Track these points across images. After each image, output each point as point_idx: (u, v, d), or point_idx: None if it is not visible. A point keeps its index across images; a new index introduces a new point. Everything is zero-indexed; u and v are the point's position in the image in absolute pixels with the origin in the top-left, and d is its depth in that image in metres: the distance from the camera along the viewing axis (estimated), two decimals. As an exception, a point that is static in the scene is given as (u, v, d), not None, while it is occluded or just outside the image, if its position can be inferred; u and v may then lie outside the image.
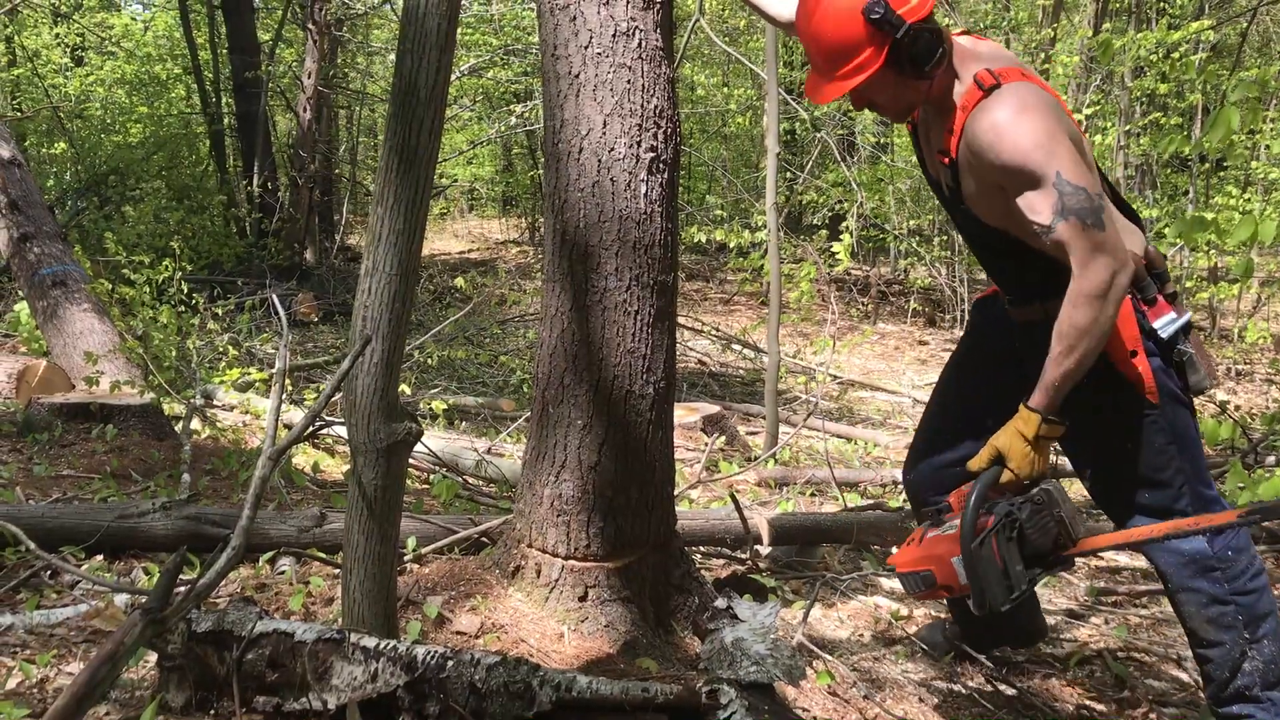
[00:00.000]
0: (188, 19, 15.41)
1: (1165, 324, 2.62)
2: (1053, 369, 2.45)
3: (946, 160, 2.61)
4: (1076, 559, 2.88)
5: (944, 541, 2.54)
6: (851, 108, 13.17)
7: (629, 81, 2.97)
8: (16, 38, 17.57)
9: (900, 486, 5.54)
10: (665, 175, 3.05)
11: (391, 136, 2.44)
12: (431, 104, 2.44)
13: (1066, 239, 2.38)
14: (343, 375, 2.16)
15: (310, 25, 13.37)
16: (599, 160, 2.98)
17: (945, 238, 12.94)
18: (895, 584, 4.03)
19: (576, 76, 2.98)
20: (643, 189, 3.00)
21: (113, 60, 17.96)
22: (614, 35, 2.96)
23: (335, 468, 5.46)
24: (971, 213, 2.66)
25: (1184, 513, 2.63)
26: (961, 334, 3.22)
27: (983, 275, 13.90)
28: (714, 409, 6.82)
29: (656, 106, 3.02)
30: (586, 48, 2.97)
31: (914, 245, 12.83)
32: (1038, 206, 2.41)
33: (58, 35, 18.27)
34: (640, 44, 2.98)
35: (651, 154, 3.01)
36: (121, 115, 16.84)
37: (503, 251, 19.37)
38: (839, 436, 7.45)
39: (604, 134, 2.98)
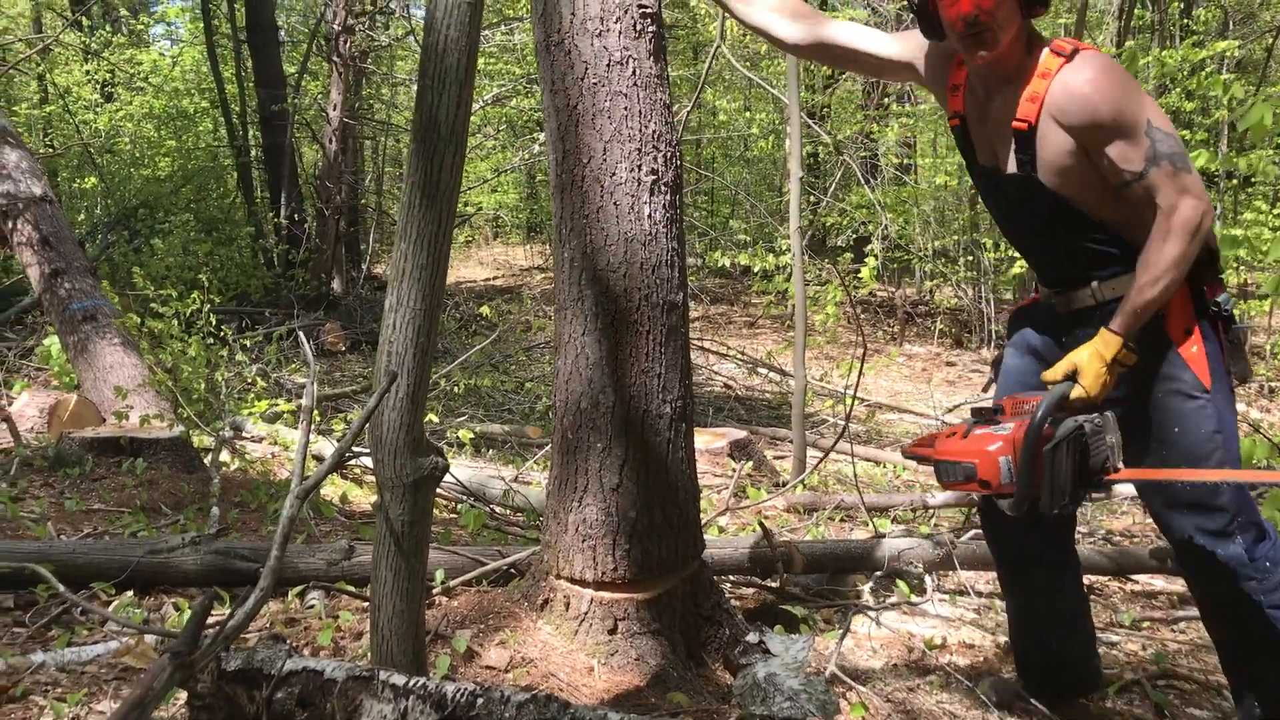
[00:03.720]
0: (215, 54, 15.60)
1: (1226, 301, 2.71)
2: (1137, 296, 2.54)
3: (1025, 127, 2.65)
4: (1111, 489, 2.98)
5: (995, 439, 2.56)
6: (875, 129, 13.12)
7: (626, 108, 3.04)
8: (48, 75, 17.84)
9: (930, 511, 5.50)
10: (668, 196, 3.10)
11: (414, 172, 2.45)
12: (453, 139, 2.44)
13: (1159, 182, 2.51)
14: (369, 412, 2.16)
15: (335, 58, 13.50)
16: (601, 186, 3.03)
17: (970, 258, 12.88)
18: (930, 610, 3.98)
19: (574, 108, 3.04)
20: (646, 210, 3.06)
21: (141, 95, 18.19)
22: (608, 65, 3.03)
23: (363, 498, 5.47)
24: (1039, 185, 2.68)
25: (1224, 508, 2.65)
26: (1000, 352, 3.20)
27: (1009, 295, 13.82)
28: (740, 434, 6.79)
29: (655, 131, 3.07)
30: (582, 79, 3.04)
31: (939, 266, 12.76)
32: (1129, 155, 2.53)
33: (88, 72, 18.53)
34: (634, 72, 3.05)
35: (653, 176, 3.06)
36: (150, 149, 17.04)
37: (527, 278, 19.43)
38: (867, 460, 7.40)
39: (604, 160, 3.03)
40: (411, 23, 14.60)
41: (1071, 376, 2.59)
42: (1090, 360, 2.57)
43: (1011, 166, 2.73)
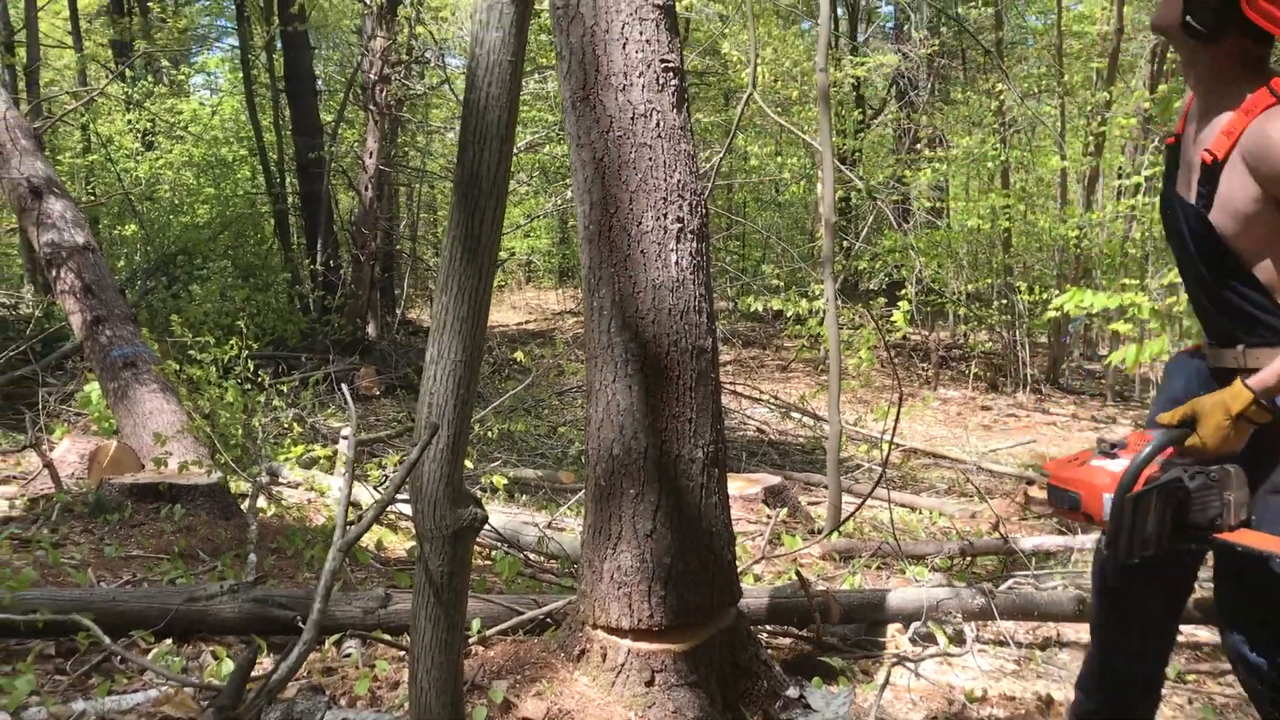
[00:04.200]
0: (253, 103, 15.88)
1: None
2: None
3: (1210, 160, 2.50)
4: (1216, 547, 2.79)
5: (1105, 474, 2.49)
6: (907, 173, 13.13)
7: (650, 159, 3.12)
8: (92, 125, 18.19)
9: (969, 560, 5.45)
10: (694, 244, 3.17)
11: (455, 226, 2.48)
12: (493, 193, 2.47)
13: None
14: (411, 465, 2.17)
15: (371, 106, 13.70)
16: (628, 234, 3.10)
17: (1004, 302, 12.82)
18: (969, 663, 3.94)
19: (601, 160, 3.12)
20: (673, 258, 3.11)
21: (181, 144, 18.52)
22: (632, 118, 3.11)
23: (398, 544, 5.48)
24: (1209, 224, 2.54)
25: None
26: (1154, 399, 3.09)
27: (1044, 338, 13.73)
28: (775, 480, 6.76)
29: (679, 180, 3.15)
30: (608, 132, 3.11)
31: (973, 310, 12.71)
32: None
33: (130, 122, 18.90)
34: (658, 124, 3.13)
35: (679, 225, 3.13)
36: (189, 196, 17.33)
37: (559, 322, 19.50)
38: (903, 506, 7.34)
39: (631, 209, 3.10)
40: (446, 72, 14.81)
41: (1190, 424, 2.45)
42: (1213, 409, 2.41)
43: (1191, 198, 2.59)
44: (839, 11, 16.92)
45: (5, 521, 5.11)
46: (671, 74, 3.19)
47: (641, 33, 3.15)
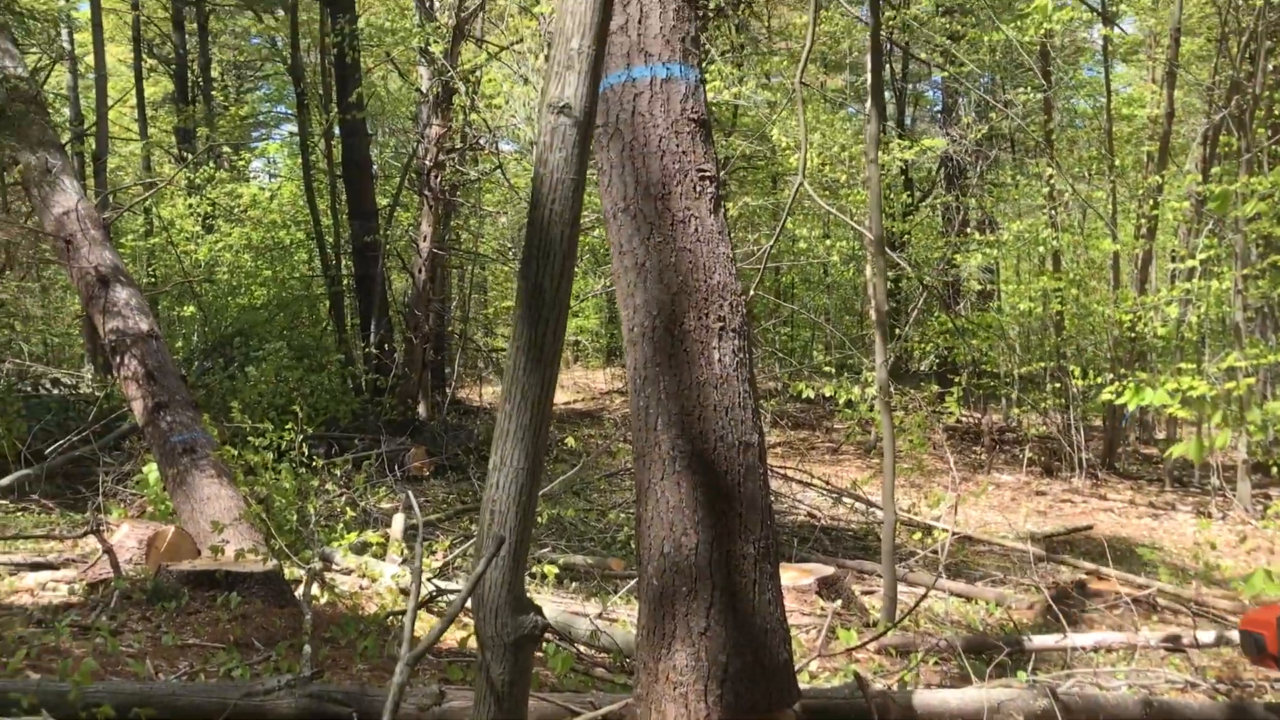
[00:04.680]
0: (311, 187, 16.26)
1: None
2: None
3: None
4: None
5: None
6: (957, 257, 13.11)
7: (690, 263, 3.24)
8: (154, 209, 18.70)
9: (1028, 656, 5.34)
10: (735, 341, 3.26)
11: (518, 336, 2.53)
12: (556, 305, 2.53)
13: None
14: (477, 577, 2.19)
15: (426, 191, 13.98)
16: (671, 335, 3.20)
17: (1058, 385, 12.69)
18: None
19: (643, 265, 3.24)
20: (715, 355, 3.20)
21: (240, 227, 18.96)
22: (671, 224, 3.25)
23: (449, 634, 5.47)
24: None
25: None
26: None
27: (1098, 421, 13.55)
28: (828, 570, 6.70)
29: (719, 281, 3.26)
30: (648, 239, 3.25)
31: (1026, 394, 12.59)
32: None
33: (190, 206, 19.40)
34: (696, 229, 3.27)
35: (720, 323, 3.23)
36: (247, 279, 17.67)
37: (608, 401, 19.56)
38: (959, 596, 7.23)
39: (673, 310, 3.21)
40: (499, 157, 15.10)
41: None
42: None
43: None
44: (886, 95, 17.08)
45: (65, 608, 5.18)
46: (708, 181, 3.33)
47: (678, 145, 3.31)
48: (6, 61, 7.45)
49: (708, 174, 3.35)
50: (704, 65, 12.88)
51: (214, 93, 22.90)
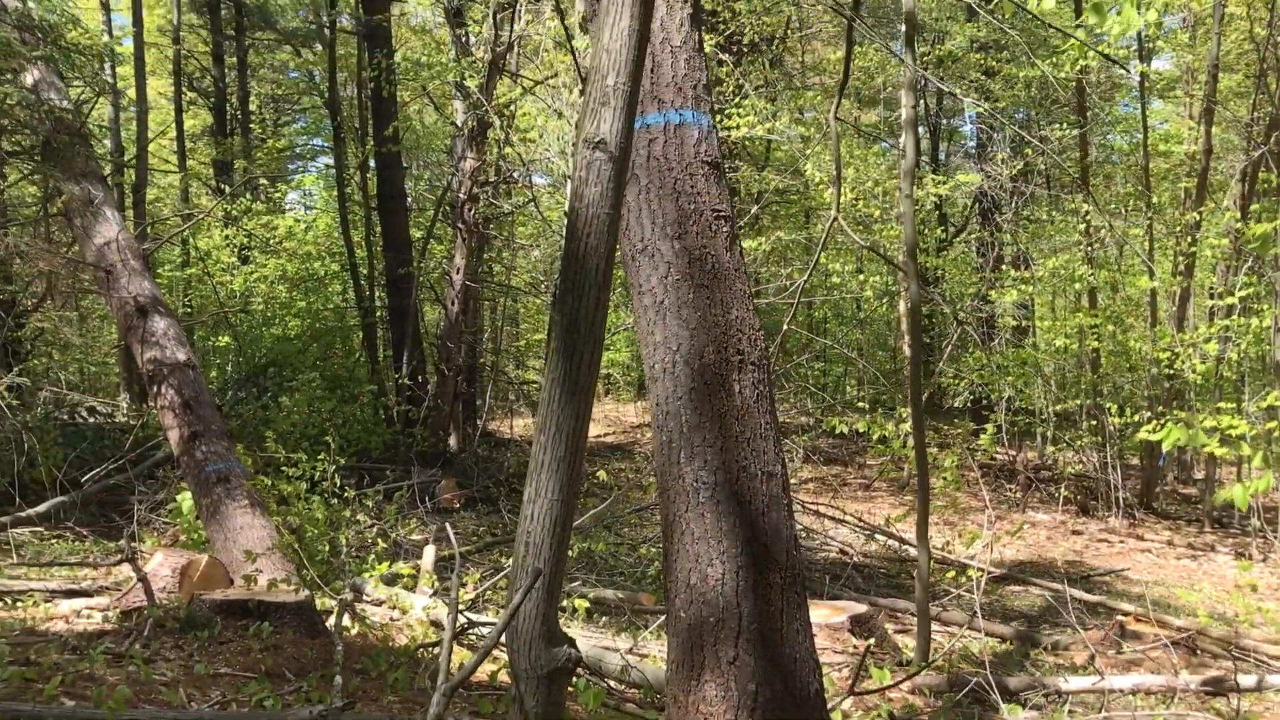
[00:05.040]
0: (346, 219, 16.43)
1: None
2: None
3: None
4: None
5: None
6: (992, 293, 13.05)
7: (708, 298, 3.32)
8: (191, 240, 18.92)
9: (1064, 698, 5.25)
10: (755, 374, 3.33)
11: (554, 369, 2.53)
12: (591, 338, 2.53)
13: None
14: (513, 610, 2.18)
15: (460, 224, 14.08)
16: (691, 369, 3.26)
17: (1094, 423, 12.56)
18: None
19: (662, 303, 3.31)
20: (735, 388, 3.27)
21: (276, 258, 19.14)
22: (689, 262, 3.34)
23: (479, 668, 5.44)
24: None
25: None
26: None
27: (1135, 460, 13.38)
28: (861, 608, 6.62)
29: (737, 316, 3.35)
30: (666, 277, 3.33)
31: (1062, 432, 12.46)
32: None
33: (227, 237, 19.63)
34: (713, 266, 3.36)
35: (739, 357, 3.30)
36: (281, 309, 17.82)
37: (639, 435, 19.52)
38: (993, 635, 7.13)
39: (692, 345, 3.28)
40: (533, 191, 15.20)
41: None
42: None
43: None
44: (920, 130, 17.08)
45: (100, 635, 5.20)
46: (723, 221, 3.43)
47: (693, 186, 3.42)
48: (52, 95, 7.59)
49: (722, 213, 3.44)
50: (738, 101, 12.96)
51: (252, 125, 23.22)
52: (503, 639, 2.45)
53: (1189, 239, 12.06)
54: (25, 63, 7.35)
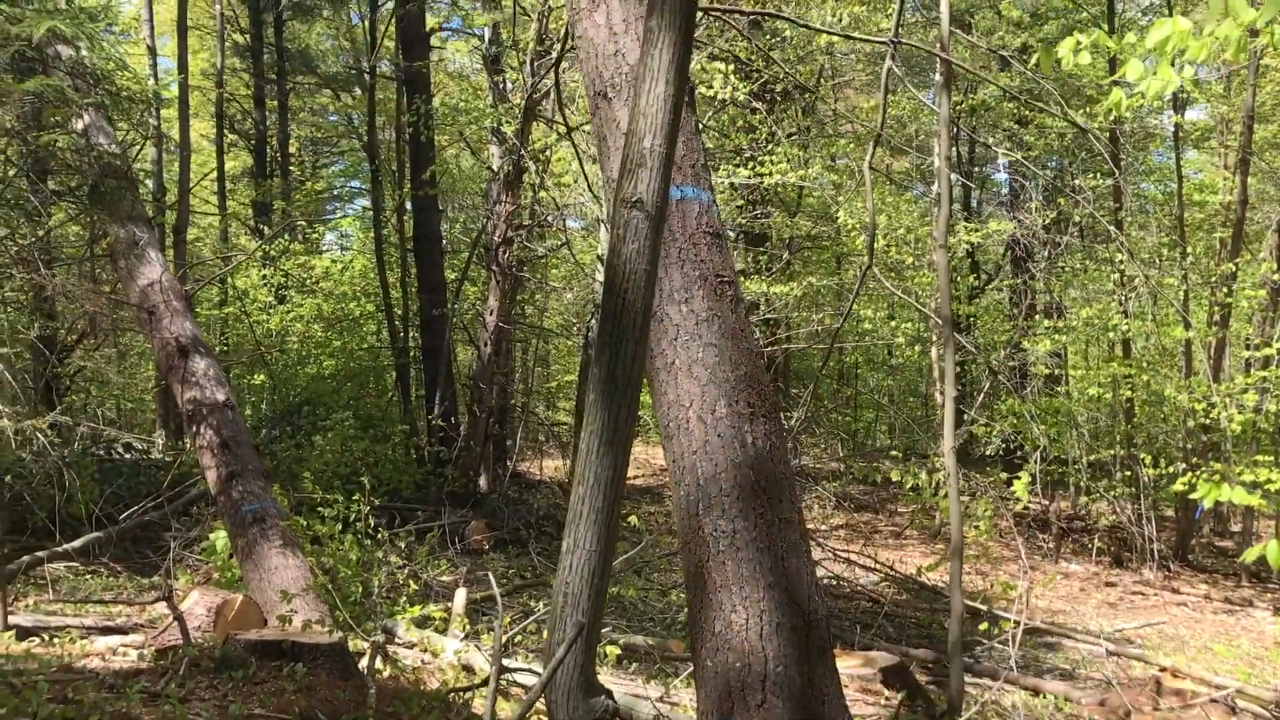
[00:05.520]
0: (383, 261, 16.61)
1: None
2: None
3: None
4: None
5: None
6: (1025, 342, 13.01)
7: (717, 356, 3.48)
8: (229, 279, 19.18)
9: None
10: (767, 425, 3.46)
11: (591, 421, 2.57)
12: (629, 391, 2.58)
13: None
14: (556, 665, 2.21)
15: (494, 266, 14.21)
16: (704, 423, 3.38)
17: (1128, 473, 12.45)
18: None
19: (672, 364, 3.46)
20: (749, 438, 3.39)
21: (312, 298, 19.36)
22: (696, 323, 3.51)
23: (510, 711, 5.45)
24: None
25: None
26: None
27: (1170, 512, 13.23)
28: (893, 658, 6.58)
29: (746, 372, 3.49)
30: (675, 340, 3.49)
31: (1095, 482, 12.34)
32: None
33: (264, 277, 19.88)
34: (720, 326, 3.53)
35: (749, 409, 3.43)
36: (317, 349, 18.00)
37: (666, 478, 19.49)
38: (1027, 689, 7.05)
39: (704, 399, 3.42)
40: (566, 234, 15.33)
41: None
42: None
43: None
44: (953, 178, 17.12)
45: (135, 674, 5.25)
46: (727, 285, 3.62)
47: (696, 254, 3.60)
48: (101, 139, 7.77)
49: (726, 279, 3.62)
50: (771, 148, 13.06)
51: (291, 167, 23.57)
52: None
53: (1225, 289, 11.99)
54: (77, 109, 7.55)
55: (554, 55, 13.51)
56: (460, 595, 7.52)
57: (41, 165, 8.52)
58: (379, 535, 7.81)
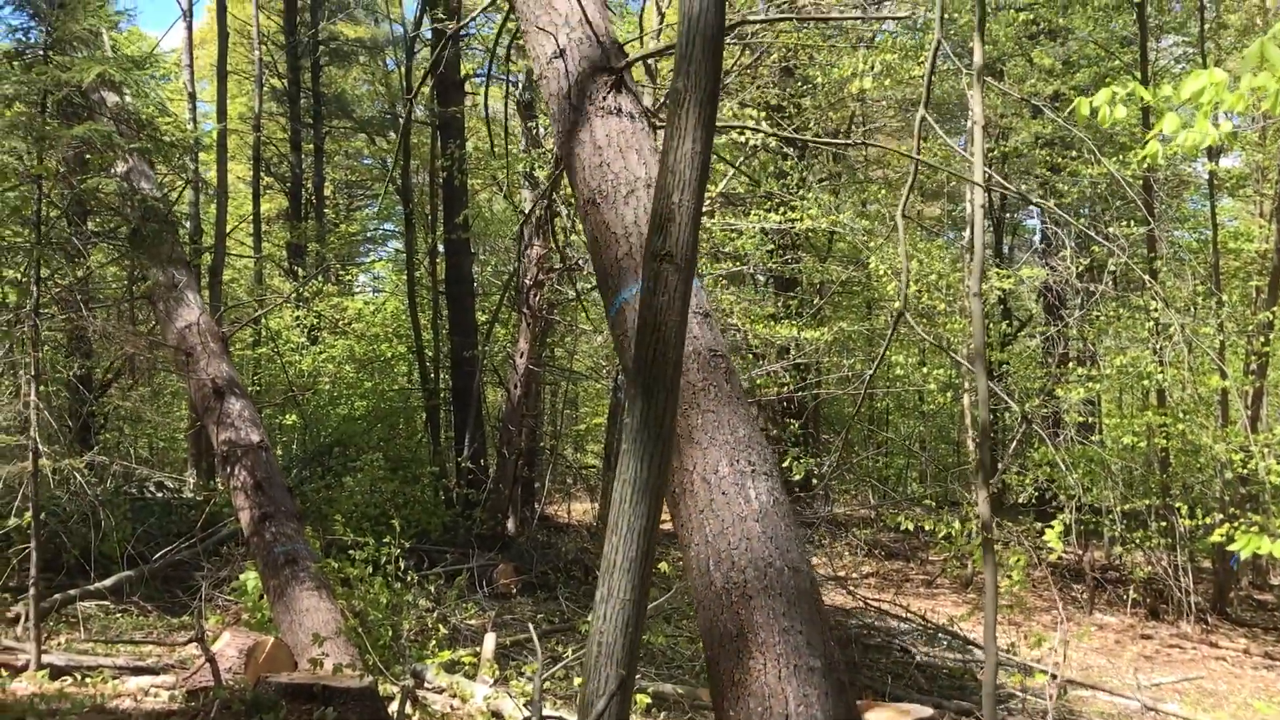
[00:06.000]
0: (415, 303, 16.74)
1: None
2: None
3: None
4: None
5: None
6: (1059, 390, 12.92)
7: (715, 421, 3.69)
8: (263, 320, 19.36)
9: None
10: (769, 482, 3.63)
11: (624, 469, 2.58)
12: (662, 440, 2.59)
13: None
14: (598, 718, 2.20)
15: (525, 309, 14.28)
16: (708, 482, 3.57)
17: (1164, 523, 12.28)
18: None
19: (674, 432, 3.62)
20: (752, 493, 3.56)
21: (344, 339, 19.51)
22: (694, 393, 3.72)
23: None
24: None
25: None
26: None
27: (1207, 563, 13.02)
28: (925, 711, 6.47)
29: (745, 434, 3.70)
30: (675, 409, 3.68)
31: (1130, 532, 12.19)
32: None
33: (298, 318, 20.06)
34: (716, 394, 3.75)
35: (750, 467, 3.61)
36: (348, 390, 18.11)
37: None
38: (1061, 744, 6.94)
39: (706, 460, 3.62)
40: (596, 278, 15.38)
41: None
42: None
43: None
44: (985, 223, 17.10)
45: (167, 715, 5.27)
46: (720, 359, 3.87)
47: (689, 331, 3.75)
48: (143, 184, 7.91)
49: (719, 352, 3.89)
50: (802, 194, 13.11)
51: (326, 210, 23.85)
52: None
53: (1261, 338, 11.87)
54: (122, 153, 7.69)
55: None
56: (490, 640, 7.49)
57: (81, 206, 8.68)
58: (408, 578, 7.81)
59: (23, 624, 7.48)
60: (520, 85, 15.65)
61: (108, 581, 9.65)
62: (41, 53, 7.01)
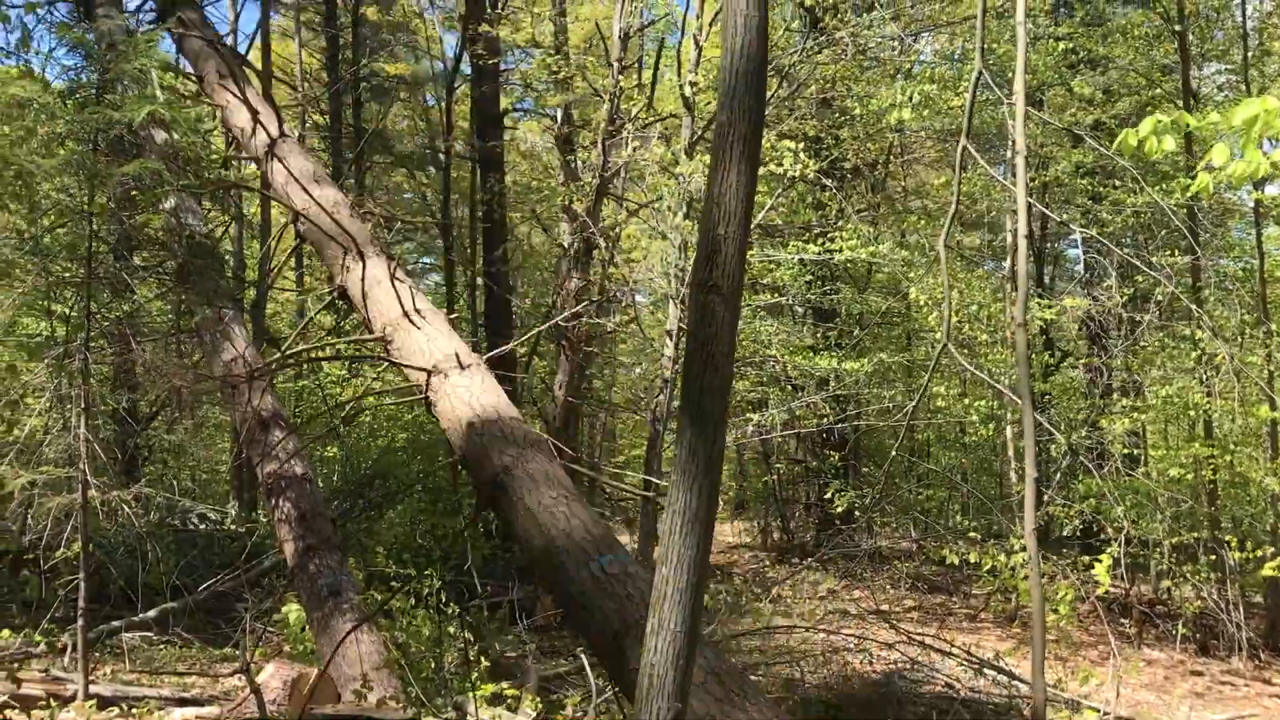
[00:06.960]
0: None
1: None
2: None
3: None
4: None
5: None
6: (1103, 421, 12.76)
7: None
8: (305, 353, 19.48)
9: None
10: None
11: (674, 500, 2.58)
12: (711, 470, 2.59)
13: None
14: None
15: (563, 341, 14.34)
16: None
17: (1214, 557, 12.06)
18: None
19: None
20: None
21: (385, 371, 19.59)
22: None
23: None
24: None
25: None
26: None
27: (1258, 598, 12.77)
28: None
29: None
30: None
31: (1178, 564, 11.98)
32: None
33: (339, 350, 20.19)
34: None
35: None
36: (388, 421, 18.18)
37: (735, 555, 19.32)
38: (1113, 783, 6.80)
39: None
40: (635, 310, 15.45)
41: None
42: None
43: None
44: (1027, 253, 16.96)
45: (211, 747, 5.29)
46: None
47: None
48: (191, 220, 8.05)
49: None
50: (841, 225, 13.10)
51: (367, 244, 24.02)
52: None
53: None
54: (172, 190, 7.84)
55: (625, 135, 13.78)
56: (532, 672, 7.47)
57: (129, 242, 8.84)
58: (450, 610, 7.81)
59: (70, 654, 7.56)
60: (558, 119, 15.80)
61: (152, 613, 9.74)
62: (93, 91, 7.18)
